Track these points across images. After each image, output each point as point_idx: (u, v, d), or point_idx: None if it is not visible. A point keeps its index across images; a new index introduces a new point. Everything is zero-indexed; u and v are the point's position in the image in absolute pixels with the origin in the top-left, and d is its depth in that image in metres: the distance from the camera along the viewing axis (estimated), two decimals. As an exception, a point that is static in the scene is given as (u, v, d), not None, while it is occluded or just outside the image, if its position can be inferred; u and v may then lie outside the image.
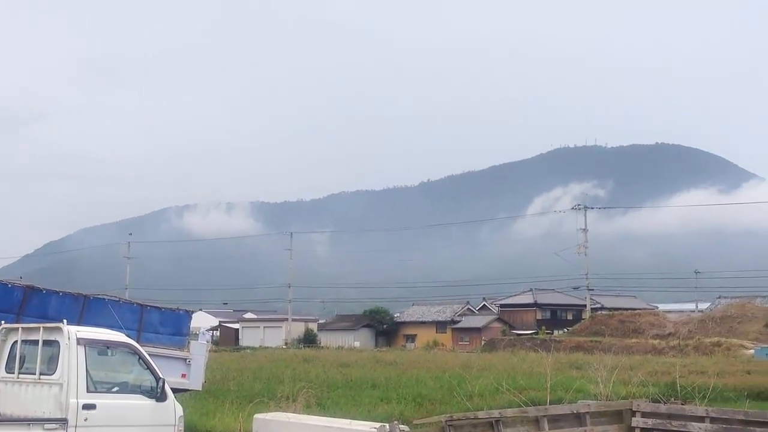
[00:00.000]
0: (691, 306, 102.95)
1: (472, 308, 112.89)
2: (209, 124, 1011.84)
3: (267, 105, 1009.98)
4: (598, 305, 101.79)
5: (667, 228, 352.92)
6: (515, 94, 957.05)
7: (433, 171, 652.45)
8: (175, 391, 13.22)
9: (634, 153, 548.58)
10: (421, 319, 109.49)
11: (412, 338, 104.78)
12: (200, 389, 19.35)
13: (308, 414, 15.22)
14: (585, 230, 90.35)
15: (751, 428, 12.73)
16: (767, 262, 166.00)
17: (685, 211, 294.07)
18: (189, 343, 18.98)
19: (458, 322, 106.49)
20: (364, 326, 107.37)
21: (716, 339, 66.28)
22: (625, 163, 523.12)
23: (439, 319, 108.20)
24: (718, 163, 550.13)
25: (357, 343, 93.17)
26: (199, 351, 18.68)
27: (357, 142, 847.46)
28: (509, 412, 13.24)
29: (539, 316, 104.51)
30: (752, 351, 57.62)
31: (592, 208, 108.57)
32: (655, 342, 68.98)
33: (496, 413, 12.98)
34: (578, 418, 13.55)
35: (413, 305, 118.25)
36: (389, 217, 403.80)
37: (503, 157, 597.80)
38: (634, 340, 70.48)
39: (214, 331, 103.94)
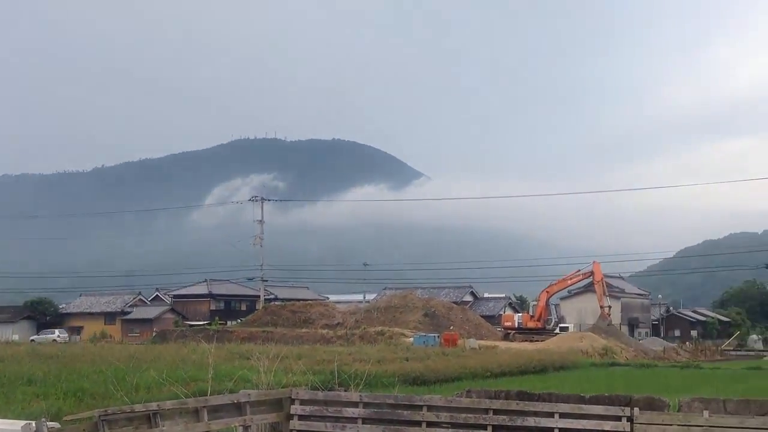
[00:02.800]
0: (360, 297, 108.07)
1: (144, 299, 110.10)
2: None
3: None
4: (273, 296, 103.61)
5: (341, 221, 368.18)
6: (196, 84, 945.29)
7: (108, 157, 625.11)
8: None
9: (313, 148, 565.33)
10: (88, 310, 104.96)
11: (78, 330, 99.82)
12: None
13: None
14: (262, 222, 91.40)
15: (400, 411, 13.49)
16: (429, 256, 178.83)
17: (357, 206, 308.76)
18: None
19: (129, 313, 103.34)
20: (24, 318, 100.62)
21: (380, 328, 69.94)
22: (303, 157, 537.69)
23: (108, 310, 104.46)
24: (389, 162, 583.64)
25: (16, 336, 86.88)
26: None
27: (22, 124, 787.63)
28: (168, 404, 12.85)
29: (213, 307, 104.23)
30: (411, 339, 61.41)
31: (270, 200, 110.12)
32: (324, 332, 71.34)
33: (154, 406, 12.52)
34: (238, 408, 13.48)
35: (81, 296, 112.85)
36: (59, 203, 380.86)
37: (182, 146, 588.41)
38: (304, 330, 72.46)
39: None
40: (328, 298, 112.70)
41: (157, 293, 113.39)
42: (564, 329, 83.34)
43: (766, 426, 12.25)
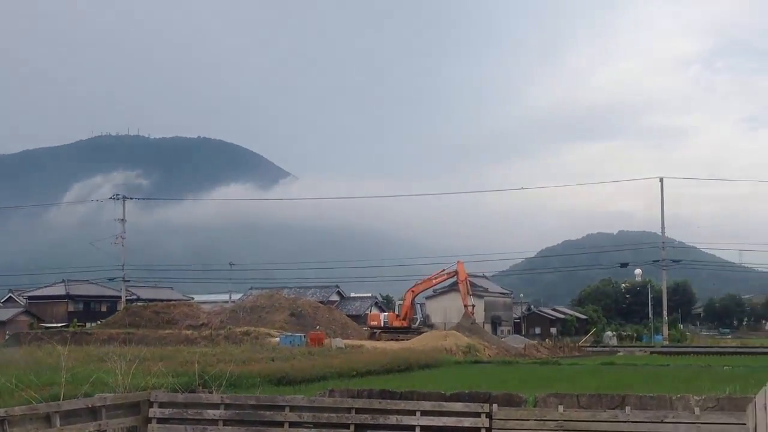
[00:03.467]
0: (225, 297, 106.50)
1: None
2: None
3: None
4: (135, 297, 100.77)
5: (207, 220, 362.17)
6: (53, 76, 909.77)
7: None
8: None
9: (178, 145, 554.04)
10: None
11: None
12: None
13: None
14: (123, 220, 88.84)
15: (262, 411, 13.34)
16: (296, 255, 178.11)
17: (224, 205, 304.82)
18: None
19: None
20: None
21: (246, 328, 69.03)
22: (168, 155, 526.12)
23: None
24: (256, 160, 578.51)
25: None
26: None
27: None
28: (17, 410, 12.28)
29: (72, 309, 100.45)
30: (278, 339, 60.94)
31: (132, 198, 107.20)
32: (189, 332, 69.83)
33: (2, 412, 11.95)
34: (93, 412, 13.01)
35: None
36: None
37: (38, 142, 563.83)
38: (167, 331, 70.70)
39: None
40: (192, 298, 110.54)
41: (11, 295, 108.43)
42: (430, 327, 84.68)
43: (617, 419, 12.77)
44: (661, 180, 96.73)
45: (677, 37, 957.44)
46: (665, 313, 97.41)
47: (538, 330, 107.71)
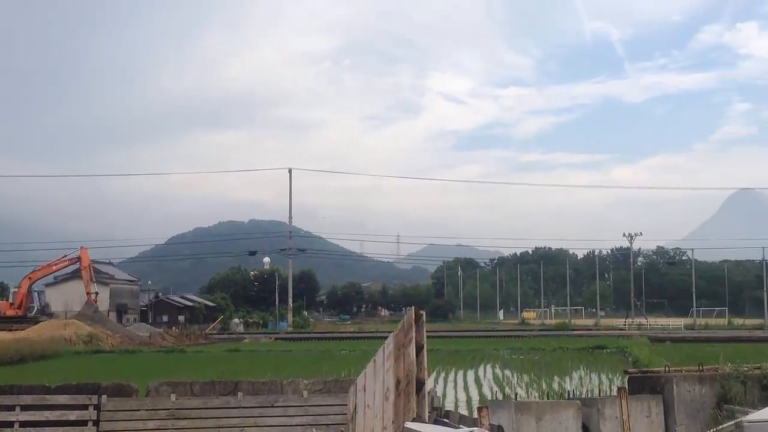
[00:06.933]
0: None
1: None
2: None
3: None
4: None
5: None
6: None
7: None
8: None
9: None
10: None
11: None
12: None
13: None
14: None
15: None
16: None
17: None
18: None
19: None
20: None
21: None
22: None
23: None
24: None
25: None
26: None
27: None
28: None
29: None
30: None
31: None
32: None
33: None
34: None
35: None
36: None
37: None
38: None
39: None
40: None
41: None
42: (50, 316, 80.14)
43: (228, 405, 12.84)
44: (290, 171, 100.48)
45: (309, 33, 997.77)
46: (290, 300, 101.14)
47: (165, 318, 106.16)
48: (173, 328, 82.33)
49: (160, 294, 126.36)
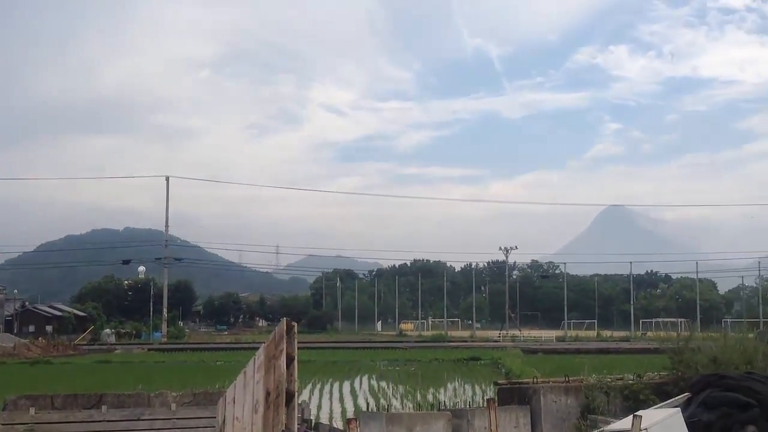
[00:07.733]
0: None
1: None
2: None
3: None
4: None
5: None
6: None
7: None
8: None
9: None
10: None
11: None
12: None
13: None
14: None
15: None
16: None
17: None
18: None
19: None
20: None
21: None
22: None
23: None
24: None
25: None
26: None
27: None
28: None
29: None
30: None
31: None
32: None
33: None
34: None
35: None
36: None
37: None
38: None
39: None
40: None
41: None
42: None
43: (92, 418, 12.35)
44: (167, 179, 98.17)
45: (190, 40, 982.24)
46: (165, 310, 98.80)
47: (32, 328, 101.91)
48: (40, 338, 79.16)
49: (26, 303, 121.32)
